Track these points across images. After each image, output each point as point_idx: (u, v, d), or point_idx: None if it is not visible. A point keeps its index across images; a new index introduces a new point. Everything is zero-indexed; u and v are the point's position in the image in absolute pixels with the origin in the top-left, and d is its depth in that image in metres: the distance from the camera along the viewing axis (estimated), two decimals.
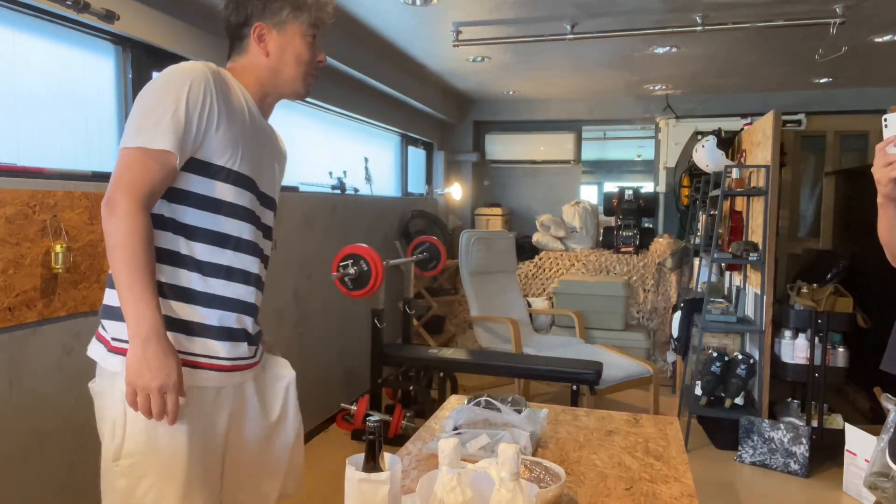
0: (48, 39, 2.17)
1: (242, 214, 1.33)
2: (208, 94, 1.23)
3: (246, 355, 1.36)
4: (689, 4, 3.01)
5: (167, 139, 1.18)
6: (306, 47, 1.38)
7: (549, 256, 5.42)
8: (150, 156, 1.18)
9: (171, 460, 1.23)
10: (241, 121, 1.32)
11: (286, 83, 1.40)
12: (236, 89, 1.33)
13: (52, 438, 2.03)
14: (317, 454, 3.46)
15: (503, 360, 3.61)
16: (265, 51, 1.36)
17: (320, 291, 3.70)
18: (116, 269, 1.17)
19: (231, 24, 1.38)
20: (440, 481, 1.10)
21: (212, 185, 1.28)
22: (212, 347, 1.29)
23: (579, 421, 1.89)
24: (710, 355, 3.60)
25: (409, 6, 3.08)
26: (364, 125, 4.69)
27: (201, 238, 1.28)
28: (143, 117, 1.20)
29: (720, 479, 3.22)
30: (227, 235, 1.31)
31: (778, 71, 4.45)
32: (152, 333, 1.16)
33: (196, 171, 1.26)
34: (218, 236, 1.30)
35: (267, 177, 1.42)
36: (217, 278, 1.30)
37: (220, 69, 1.33)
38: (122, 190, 1.17)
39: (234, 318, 1.33)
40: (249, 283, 1.36)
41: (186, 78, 1.22)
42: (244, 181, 1.32)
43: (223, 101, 1.27)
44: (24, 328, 1.92)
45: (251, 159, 1.34)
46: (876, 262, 3.92)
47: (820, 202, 5.25)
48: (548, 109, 5.83)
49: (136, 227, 1.16)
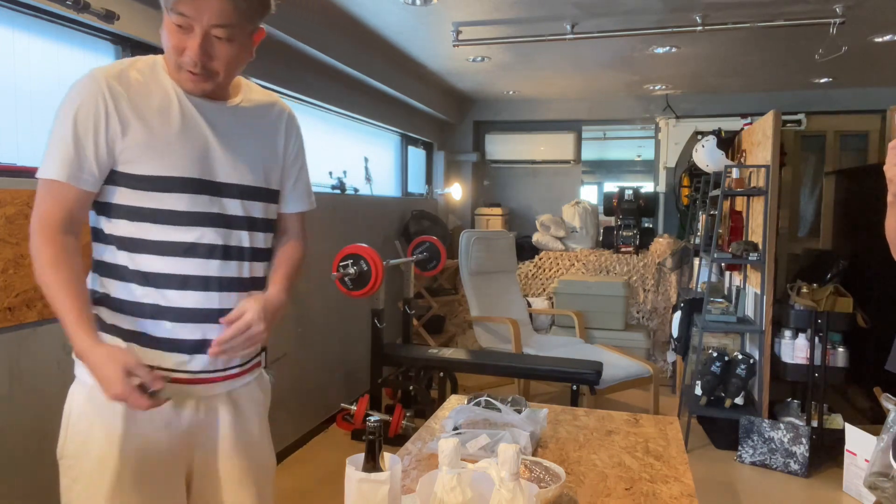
0: (48, 39, 2.17)
1: (183, 219, 1.22)
2: (101, 110, 1.16)
3: (208, 368, 1.27)
4: (689, 4, 3.01)
5: (58, 169, 1.15)
6: (169, 34, 1.17)
7: (549, 256, 5.42)
8: (51, 186, 1.17)
9: (99, 467, 1.20)
10: (160, 119, 1.20)
11: (171, 71, 1.23)
12: (162, 83, 1.22)
13: (52, 438, 2.02)
14: (317, 454, 3.46)
15: (503, 360, 3.61)
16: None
17: (320, 291, 3.70)
18: (50, 300, 1.17)
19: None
20: (440, 481, 1.10)
21: (142, 195, 1.20)
22: (166, 359, 1.23)
23: (579, 421, 1.89)
24: (710, 355, 3.60)
25: (409, 6, 3.08)
26: (364, 125, 4.69)
27: (145, 249, 1.21)
28: (49, 147, 1.18)
29: (720, 479, 3.22)
30: (174, 243, 1.22)
31: (778, 71, 4.45)
32: (83, 356, 1.16)
33: (123, 184, 1.20)
34: (163, 245, 1.21)
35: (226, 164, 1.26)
36: (168, 289, 1.22)
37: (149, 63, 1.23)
38: (35, 223, 1.17)
39: (189, 328, 1.24)
40: (210, 288, 1.25)
41: (76, 99, 1.17)
42: (173, 183, 1.20)
43: (127, 108, 1.18)
44: (24, 328, 1.92)
45: (191, 156, 1.22)
46: (876, 262, 3.94)
47: (820, 202, 5.25)
48: (548, 109, 5.83)
49: (48, 259, 1.15)
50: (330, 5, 3.11)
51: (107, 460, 1.20)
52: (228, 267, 1.27)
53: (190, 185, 1.22)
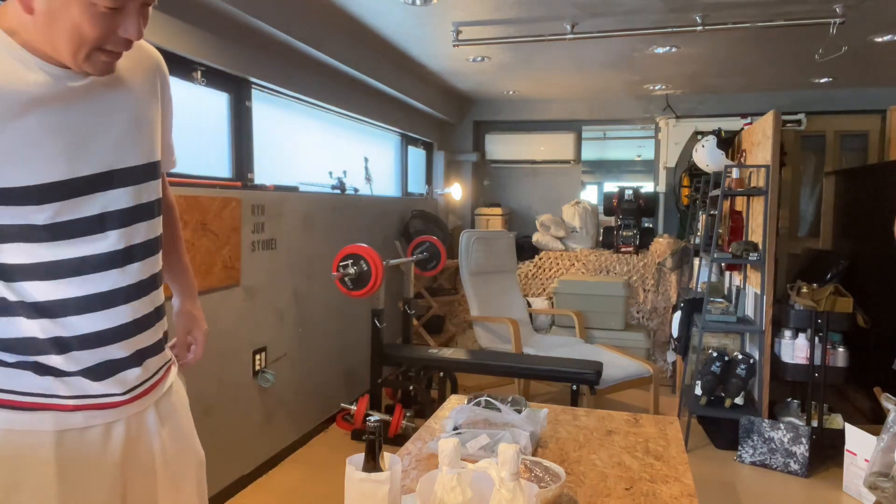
0: None
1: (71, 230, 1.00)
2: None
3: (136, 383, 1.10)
4: (689, 4, 3.01)
5: None
6: (90, 20, 0.90)
7: (549, 256, 5.42)
8: None
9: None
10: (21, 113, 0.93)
11: (65, 58, 0.94)
12: (12, 66, 0.94)
13: None
14: (317, 454, 3.46)
15: (503, 360, 3.61)
16: (27, 6, 0.91)
17: (320, 291, 3.70)
18: None
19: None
20: (440, 481, 1.10)
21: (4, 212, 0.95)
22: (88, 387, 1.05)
23: (579, 421, 1.89)
24: (710, 355, 3.60)
25: (409, 6, 3.08)
26: (364, 125, 4.69)
27: (29, 276, 0.98)
28: None
29: (720, 479, 3.22)
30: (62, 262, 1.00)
31: (778, 71, 4.45)
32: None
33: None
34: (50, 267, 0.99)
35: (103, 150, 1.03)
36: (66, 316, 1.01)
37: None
38: None
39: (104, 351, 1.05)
40: (116, 302, 1.05)
41: None
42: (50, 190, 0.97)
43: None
44: None
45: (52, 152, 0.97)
46: (876, 262, 3.94)
47: (820, 202, 5.25)
48: (548, 109, 5.83)
49: None
50: (330, 5, 3.11)
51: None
52: (125, 274, 1.06)
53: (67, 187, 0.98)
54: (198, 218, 2.60)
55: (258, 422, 3.14)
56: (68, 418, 1.03)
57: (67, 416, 1.03)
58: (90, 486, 1.05)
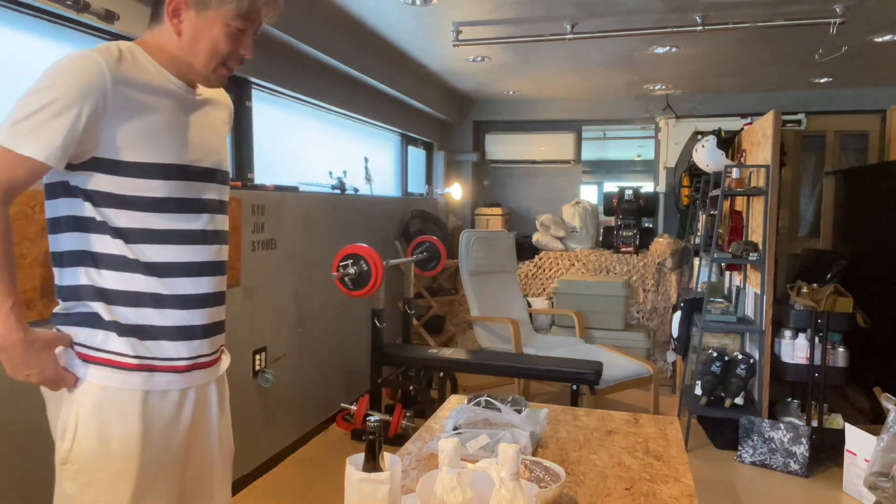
0: (48, 39, 2.17)
1: (180, 206, 1.24)
2: (98, 94, 1.11)
3: (206, 352, 1.30)
4: (689, 4, 3.01)
5: (36, 146, 1.08)
6: (226, 38, 1.21)
7: (549, 256, 5.42)
8: (16, 158, 1.09)
9: (121, 470, 1.19)
10: (153, 106, 1.20)
11: (195, 70, 1.24)
12: (147, 66, 1.21)
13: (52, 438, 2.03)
14: (317, 454, 3.46)
15: (503, 360, 3.61)
16: (177, 29, 1.21)
17: (320, 291, 3.70)
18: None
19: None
20: (440, 481, 1.10)
21: (132, 183, 1.18)
22: (168, 349, 1.24)
23: (579, 421, 1.89)
24: (710, 355, 3.60)
25: (409, 6, 3.08)
26: (364, 125, 4.69)
27: (143, 239, 1.20)
28: (21, 114, 1.09)
29: (720, 479, 3.22)
30: (169, 231, 1.22)
31: (778, 71, 4.45)
32: (7, 344, 1.10)
33: (108, 171, 1.16)
34: (159, 234, 1.21)
35: (203, 149, 1.29)
36: (169, 277, 1.23)
37: (129, 49, 1.19)
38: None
39: (188, 315, 1.26)
40: (204, 273, 1.28)
41: (73, 77, 1.10)
42: (170, 171, 1.21)
43: (124, 97, 1.15)
44: None
45: (175, 142, 1.23)
46: (876, 262, 3.93)
47: (820, 202, 5.25)
48: (548, 109, 5.83)
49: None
50: (330, 5, 3.11)
51: (128, 463, 1.19)
52: (210, 251, 1.30)
53: (180, 171, 1.23)
54: None
55: (258, 422, 3.14)
56: (153, 380, 1.22)
57: (152, 378, 1.22)
58: (165, 445, 1.24)
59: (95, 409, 1.18)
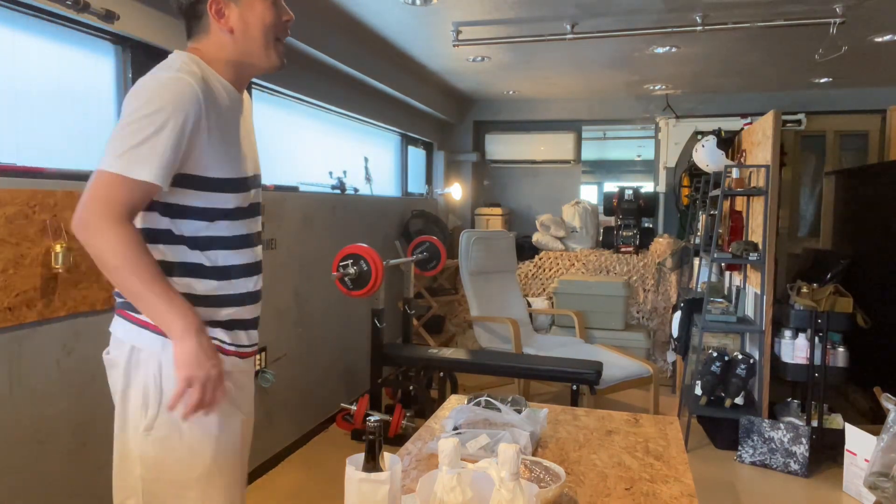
0: (48, 39, 2.17)
1: (242, 214, 1.34)
2: (195, 115, 1.19)
3: (257, 341, 1.45)
4: (689, 4, 3.01)
5: (150, 170, 1.16)
6: (269, 9, 1.29)
7: (549, 256, 5.42)
8: (133, 183, 1.16)
9: (201, 440, 1.28)
10: (227, 122, 1.28)
11: (258, 57, 1.31)
12: (218, 86, 1.28)
13: (52, 438, 2.03)
14: (317, 454, 3.46)
15: (503, 360, 3.61)
16: (228, 27, 1.27)
17: (320, 291, 3.70)
18: (129, 284, 1.18)
19: (183, 3, 1.28)
20: (440, 481, 1.10)
21: (213, 197, 1.27)
22: (243, 338, 1.38)
23: (579, 421, 1.89)
24: (710, 355, 3.60)
25: (409, 6, 3.08)
26: (364, 125, 4.69)
27: (216, 246, 1.31)
28: (125, 140, 1.16)
29: (720, 479, 3.22)
30: (239, 237, 1.34)
31: (778, 71, 4.45)
32: (202, 327, 1.22)
33: (194, 187, 1.25)
34: (227, 241, 1.32)
35: (251, 157, 1.39)
36: (235, 278, 1.34)
37: (199, 66, 1.25)
38: (98, 210, 1.15)
39: (248, 309, 1.39)
40: (257, 272, 1.41)
41: (173, 101, 1.17)
42: (240, 184, 1.31)
43: (212, 115, 1.23)
44: (24, 328, 1.92)
45: (240, 155, 1.32)
46: (876, 262, 3.93)
47: (820, 202, 5.25)
48: (548, 109, 5.83)
49: (128, 239, 1.16)
50: (330, 5, 3.11)
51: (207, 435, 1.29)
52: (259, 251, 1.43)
53: (244, 183, 1.33)
54: None
55: (258, 422, 3.13)
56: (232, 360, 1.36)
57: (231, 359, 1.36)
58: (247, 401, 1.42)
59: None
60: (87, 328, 2.11)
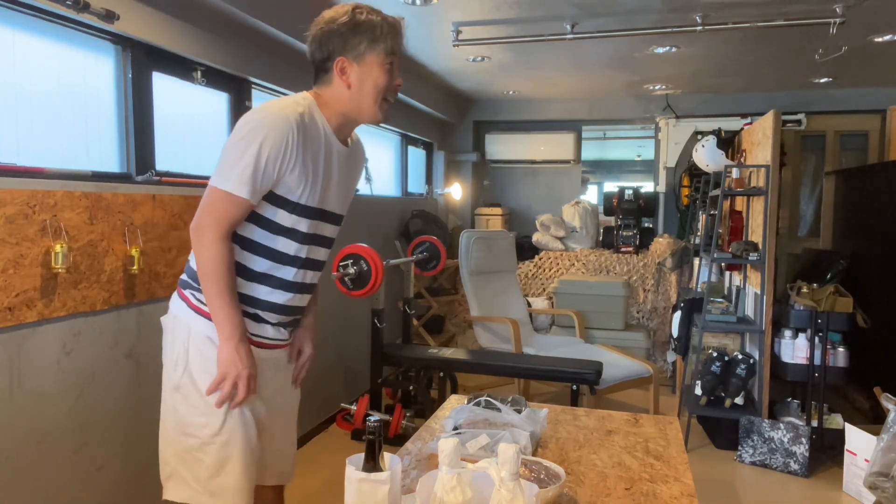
0: (48, 39, 2.17)
1: (299, 237, 1.56)
2: (289, 148, 1.44)
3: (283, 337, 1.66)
4: (689, 4, 3.01)
5: (247, 190, 1.43)
6: (384, 74, 1.54)
7: (549, 256, 5.42)
8: (233, 200, 1.44)
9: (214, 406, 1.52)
10: (316, 159, 1.51)
11: (365, 111, 1.56)
12: (318, 124, 1.52)
13: (52, 438, 2.03)
14: (317, 454, 3.46)
15: (503, 360, 3.61)
16: (347, 82, 1.53)
17: (320, 291, 3.70)
18: (208, 290, 1.46)
19: (316, 58, 1.55)
20: (440, 481, 1.10)
21: (281, 214, 1.51)
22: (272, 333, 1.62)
23: (579, 421, 1.89)
24: (710, 355, 3.60)
25: (409, 6, 3.08)
26: (364, 125, 4.68)
27: (262, 254, 1.53)
28: (232, 163, 1.43)
29: (720, 479, 3.22)
30: (283, 253, 1.55)
31: (778, 71, 4.45)
32: (244, 336, 1.50)
33: (270, 202, 1.50)
34: (275, 253, 1.54)
35: (335, 197, 1.62)
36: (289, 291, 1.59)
37: (308, 107, 1.50)
38: (210, 223, 1.45)
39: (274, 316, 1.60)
40: (292, 290, 1.60)
41: (272, 132, 1.42)
42: (310, 211, 1.55)
43: (301, 149, 1.47)
44: (24, 328, 1.91)
45: (320, 190, 1.55)
46: (876, 262, 3.93)
47: (820, 202, 5.25)
48: (548, 109, 5.83)
49: (221, 256, 1.45)
50: (330, 5, 3.10)
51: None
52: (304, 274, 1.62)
53: (315, 212, 1.56)
54: None
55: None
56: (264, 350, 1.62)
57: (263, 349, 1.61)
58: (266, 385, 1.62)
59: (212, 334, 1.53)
60: (87, 328, 2.11)
